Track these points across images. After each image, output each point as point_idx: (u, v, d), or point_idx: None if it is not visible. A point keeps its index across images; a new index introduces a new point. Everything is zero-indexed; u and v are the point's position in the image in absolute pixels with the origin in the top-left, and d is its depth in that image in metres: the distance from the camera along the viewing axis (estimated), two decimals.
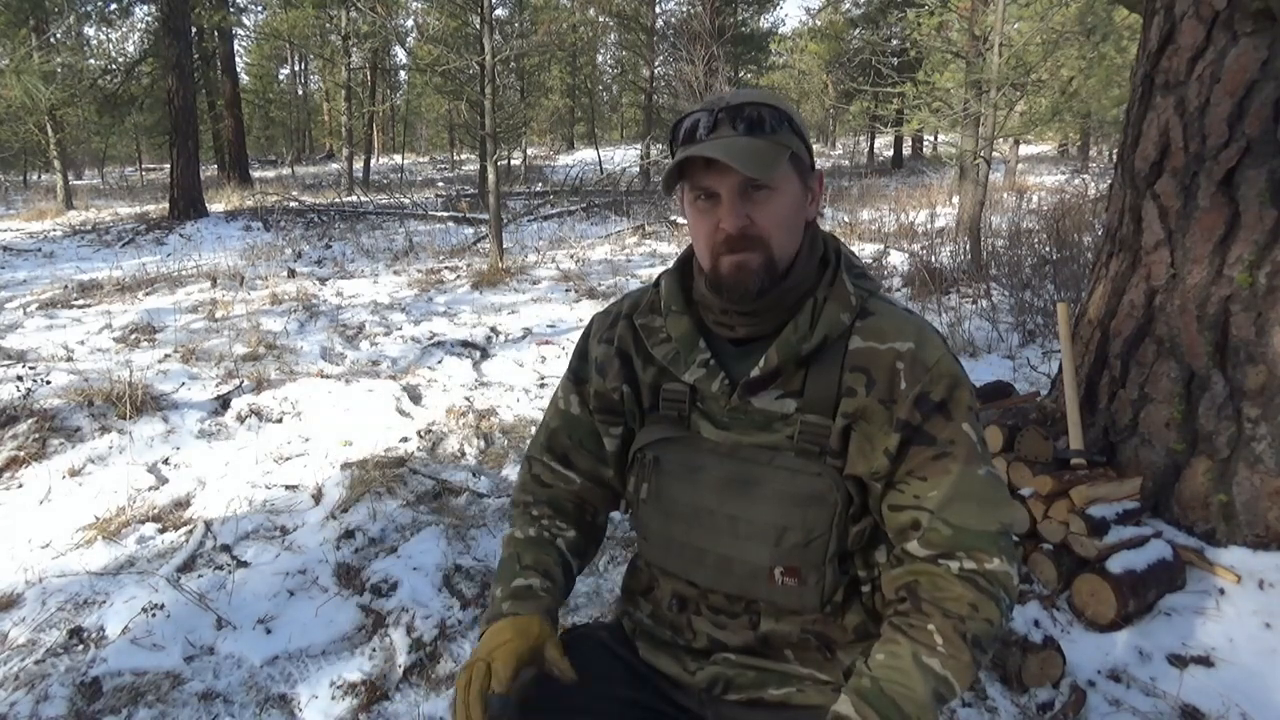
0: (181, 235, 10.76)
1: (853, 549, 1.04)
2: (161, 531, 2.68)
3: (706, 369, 1.05)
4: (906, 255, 7.07)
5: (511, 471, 3.19)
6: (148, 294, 6.78)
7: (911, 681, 0.91)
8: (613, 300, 1.28)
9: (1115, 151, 7.23)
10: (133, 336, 5.21)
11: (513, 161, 20.40)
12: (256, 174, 20.36)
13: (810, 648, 1.06)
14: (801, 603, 1.03)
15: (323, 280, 7.43)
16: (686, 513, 1.07)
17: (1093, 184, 11.21)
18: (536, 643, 1.02)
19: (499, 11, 20.13)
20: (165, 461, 3.28)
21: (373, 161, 23.24)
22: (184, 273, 7.74)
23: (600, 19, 23.85)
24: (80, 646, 2.07)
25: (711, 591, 1.09)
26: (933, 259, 6.54)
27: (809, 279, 1.05)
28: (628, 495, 1.15)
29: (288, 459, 3.29)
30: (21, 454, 3.17)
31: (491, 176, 8.05)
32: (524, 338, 5.33)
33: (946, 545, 0.97)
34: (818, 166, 1.09)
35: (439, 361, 4.77)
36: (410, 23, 21.20)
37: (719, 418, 1.06)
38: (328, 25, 20.61)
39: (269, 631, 2.14)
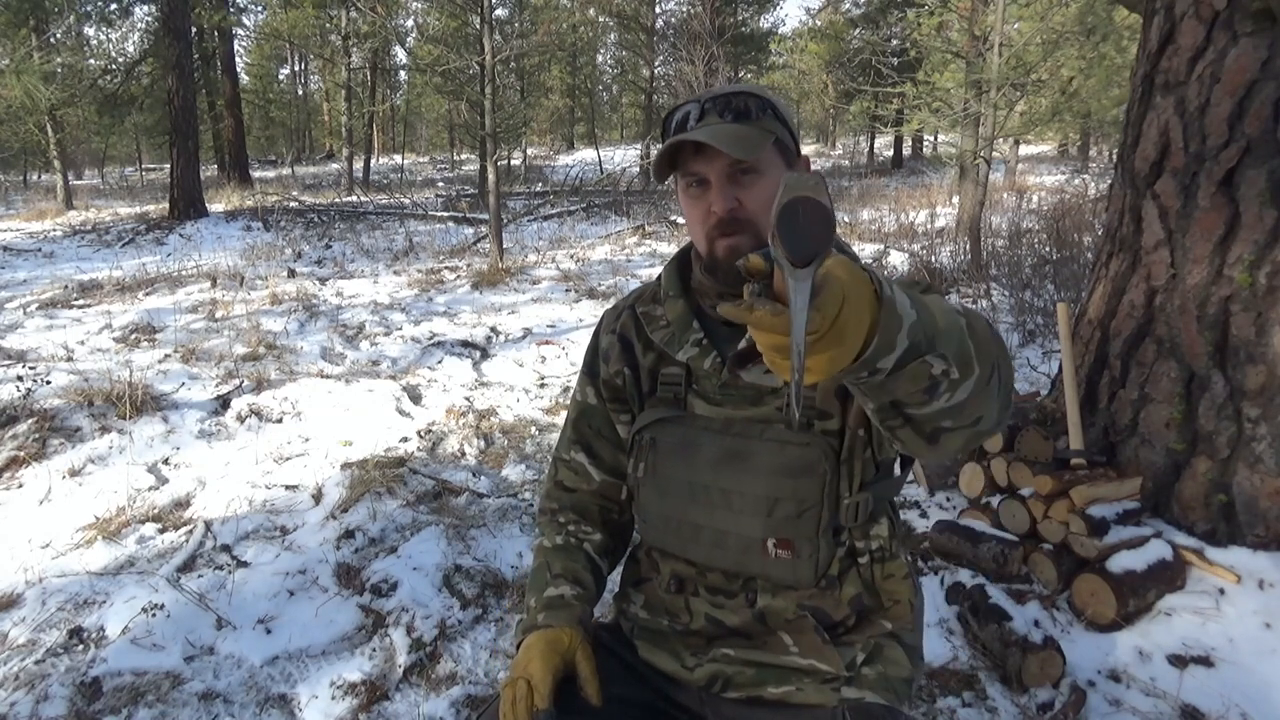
0: (181, 235, 10.76)
1: (847, 524, 1.06)
2: (161, 531, 2.68)
3: (699, 348, 1.10)
4: (906, 255, 7.08)
5: (512, 471, 3.19)
6: (148, 294, 6.78)
7: (938, 302, 0.80)
8: (615, 299, 1.32)
9: (1115, 151, 7.23)
10: (133, 336, 5.21)
11: (513, 161, 20.40)
12: (256, 174, 20.36)
13: (807, 629, 1.07)
14: (796, 576, 1.05)
15: (323, 280, 7.43)
16: (682, 489, 1.10)
17: (1093, 184, 11.23)
18: (569, 654, 1.06)
19: (499, 11, 20.15)
20: (165, 461, 3.28)
21: (373, 161, 23.23)
22: (184, 273, 7.74)
23: (600, 19, 23.86)
24: (80, 646, 2.07)
25: (709, 569, 1.11)
26: (933, 259, 6.55)
27: None
28: (629, 479, 1.18)
29: (288, 459, 3.29)
30: (21, 454, 3.17)
31: (491, 176, 8.05)
32: (524, 338, 5.33)
33: None
34: (806, 156, 1.12)
35: (439, 361, 4.77)
36: (410, 23, 21.19)
37: (712, 395, 1.10)
38: (328, 25, 20.62)
39: (269, 631, 2.14)
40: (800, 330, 0.59)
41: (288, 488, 3.01)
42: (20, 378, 3.86)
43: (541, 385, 4.32)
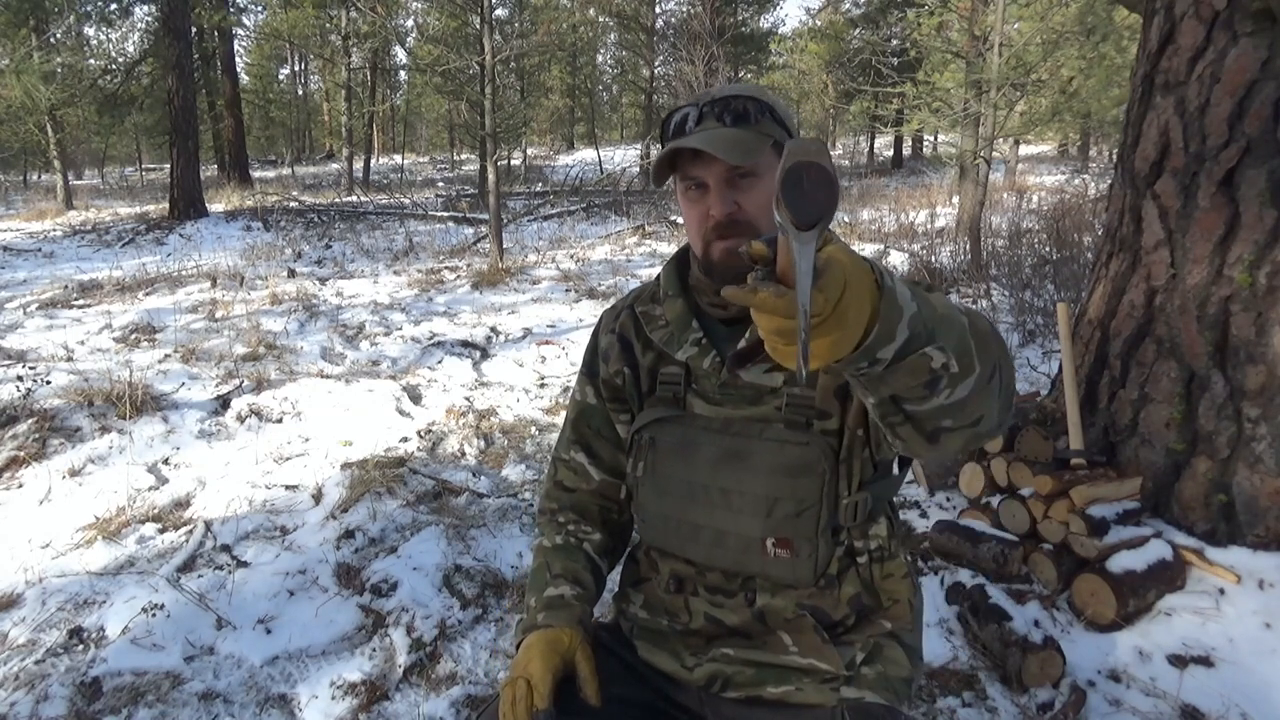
0: (181, 235, 10.76)
1: (846, 524, 1.06)
2: (161, 531, 2.68)
3: (699, 347, 1.10)
4: (906, 255, 7.07)
5: (512, 471, 3.19)
6: (148, 294, 6.78)
7: (939, 297, 0.80)
8: (615, 298, 1.32)
9: (1115, 151, 7.23)
10: (133, 336, 5.21)
11: (513, 161, 20.40)
12: (256, 174, 20.37)
13: (807, 628, 1.07)
14: (795, 575, 1.05)
15: (323, 280, 7.43)
16: (681, 489, 1.10)
17: (1093, 184, 11.23)
18: (568, 654, 1.07)
19: (499, 11, 20.16)
20: (165, 461, 3.28)
21: (373, 161, 23.24)
22: (184, 273, 7.74)
23: (600, 19, 23.87)
24: (80, 646, 2.07)
25: (708, 569, 1.11)
26: (933, 259, 6.54)
27: None
28: (628, 479, 1.18)
29: (288, 459, 3.29)
30: (21, 454, 3.17)
31: (491, 176, 8.05)
32: (524, 338, 5.33)
33: None
34: None
35: (439, 361, 4.77)
36: (410, 23, 21.19)
37: (711, 394, 1.10)
38: (328, 25, 20.62)
39: (269, 631, 2.14)
40: (805, 293, 0.59)
41: (288, 488, 3.01)
42: (20, 378, 3.86)
43: (541, 385, 4.32)
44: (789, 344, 0.63)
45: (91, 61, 17.06)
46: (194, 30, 14.29)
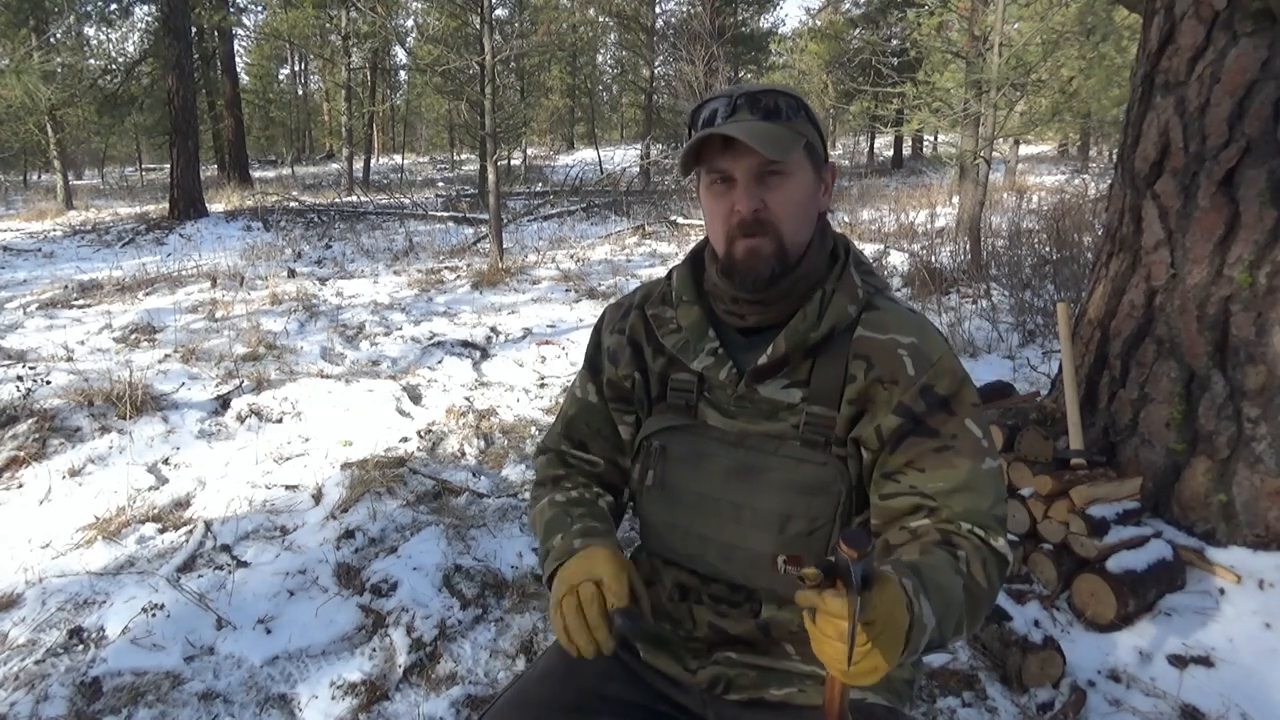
0: (181, 235, 10.76)
1: None
2: (161, 531, 2.68)
3: (715, 357, 1.06)
4: (906, 255, 7.07)
5: (512, 471, 3.19)
6: (148, 294, 6.78)
7: (948, 579, 0.87)
8: (615, 299, 1.28)
9: (1115, 151, 7.23)
10: (133, 336, 5.21)
11: (513, 161, 20.40)
12: (256, 174, 20.37)
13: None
14: None
15: (323, 280, 7.43)
16: (691, 500, 1.07)
17: (1093, 184, 11.23)
18: (629, 569, 1.02)
19: (499, 11, 20.15)
20: (165, 461, 3.28)
21: (373, 161, 23.23)
22: (184, 273, 7.74)
23: (600, 19, 23.86)
24: (80, 646, 2.07)
25: (714, 580, 1.09)
26: (933, 259, 6.54)
27: (819, 270, 1.06)
28: (633, 484, 1.15)
29: (288, 459, 3.29)
30: (21, 454, 3.17)
31: (491, 176, 8.05)
32: (524, 338, 5.33)
33: (955, 519, 0.96)
34: (833, 162, 1.10)
35: (439, 361, 4.77)
36: (410, 23, 21.21)
37: (726, 406, 1.07)
38: (328, 25, 20.64)
39: (269, 631, 2.14)
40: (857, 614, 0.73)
41: (288, 488, 3.01)
42: (20, 378, 3.86)
43: (541, 385, 4.32)
44: (842, 640, 0.72)
45: (91, 61, 17.05)
46: (194, 30, 14.30)
